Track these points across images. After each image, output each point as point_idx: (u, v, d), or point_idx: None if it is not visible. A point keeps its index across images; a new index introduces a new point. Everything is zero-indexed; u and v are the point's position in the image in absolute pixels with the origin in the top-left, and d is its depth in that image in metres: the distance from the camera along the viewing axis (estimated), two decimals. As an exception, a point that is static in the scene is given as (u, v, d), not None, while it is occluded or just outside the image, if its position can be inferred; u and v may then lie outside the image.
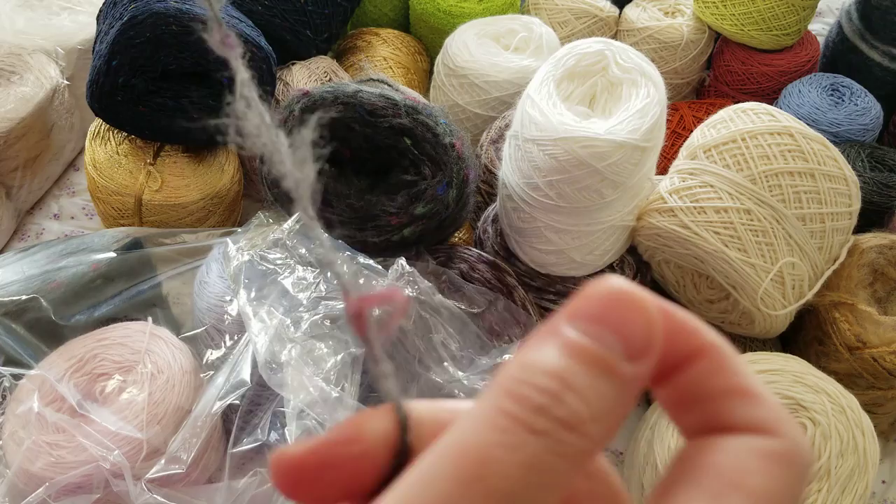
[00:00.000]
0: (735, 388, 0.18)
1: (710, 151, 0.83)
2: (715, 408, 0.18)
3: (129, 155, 0.97)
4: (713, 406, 0.18)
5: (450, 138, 0.79)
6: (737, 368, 0.19)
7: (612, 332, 0.16)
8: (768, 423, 0.18)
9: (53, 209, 1.15)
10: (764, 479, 0.17)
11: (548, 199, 0.78)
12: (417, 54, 1.31)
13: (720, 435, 0.18)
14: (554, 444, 0.15)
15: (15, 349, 0.79)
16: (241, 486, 0.69)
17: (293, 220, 0.77)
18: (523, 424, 0.15)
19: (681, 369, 0.19)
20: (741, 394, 0.18)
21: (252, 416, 0.73)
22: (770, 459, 0.17)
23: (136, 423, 0.70)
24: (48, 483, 0.66)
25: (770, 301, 0.79)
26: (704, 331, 0.19)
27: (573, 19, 1.31)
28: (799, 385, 0.72)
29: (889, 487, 0.89)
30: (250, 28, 0.98)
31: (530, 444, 0.15)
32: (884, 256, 0.88)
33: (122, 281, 0.87)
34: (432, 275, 0.78)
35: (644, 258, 0.91)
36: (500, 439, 0.15)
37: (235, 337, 0.78)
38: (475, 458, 0.15)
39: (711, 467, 0.17)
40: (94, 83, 0.91)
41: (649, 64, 0.80)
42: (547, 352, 0.16)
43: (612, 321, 0.17)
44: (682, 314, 0.19)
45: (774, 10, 1.20)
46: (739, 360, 0.19)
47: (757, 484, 0.17)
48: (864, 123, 1.12)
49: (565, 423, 0.15)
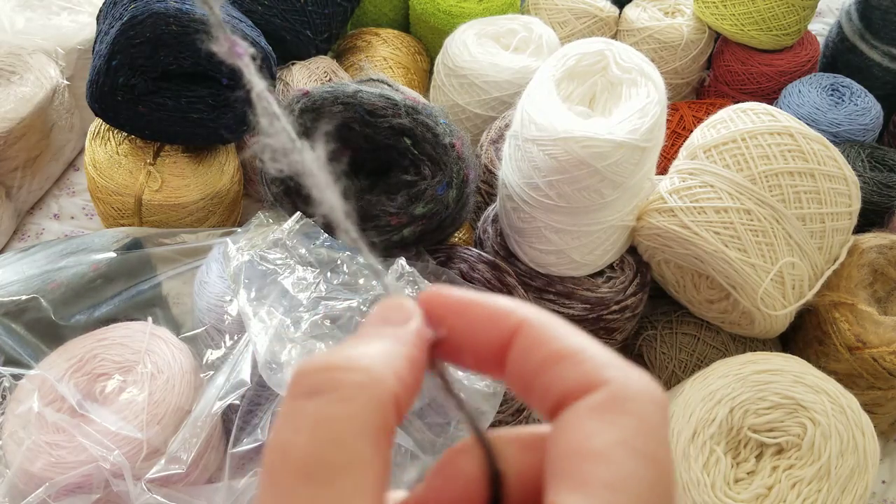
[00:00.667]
0: (553, 355, 0.18)
1: (710, 151, 0.83)
2: (545, 382, 0.18)
3: (129, 155, 0.97)
4: (542, 380, 0.18)
5: (450, 138, 0.79)
6: (551, 334, 0.19)
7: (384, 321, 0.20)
8: (590, 377, 0.17)
9: (53, 209, 1.15)
10: (607, 436, 0.16)
11: (548, 199, 0.78)
12: (417, 54, 1.31)
13: (559, 411, 0.18)
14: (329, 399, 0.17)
15: (15, 349, 0.79)
16: (241, 486, 0.69)
17: (293, 220, 0.77)
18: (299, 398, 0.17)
19: (506, 351, 0.19)
20: (560, 358, 0.18)
21: (252, 416, 0.73)
22: (604, 412, 0.17)
23: (136, 423, 0.70)
24: (48, 483, 0.66)
25: (770, 301, 0.79)
26: (515, 308, 0.19)
27: (573, 19, 1.31)
28: (799, 385, 0.72)
29: (889, 487, 0.89)
30: (250, 28, 0.98)
31: (308, 408, 0.17)
32: (884, 256, 0.88)
33: (122, 281, 0.87)
34: (432, 275, 0.78)
35: (644, 258, 0.91)
36: (285, 422, 0.17)
37: (235, 337, 0.78)
38: (276, 449, 0.16)
39: (563, 451, 0.17)
40: (94, 83, 0.91)
41: (649, 64, 0.80)
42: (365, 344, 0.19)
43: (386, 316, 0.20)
44: (492, 299, 0.20)
45: (774, 10, 1.20)
46: (553, 325, 0.19)
47: (603, 443, 0.16)
48: (864, 123, 1.12)
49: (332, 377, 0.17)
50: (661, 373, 0.91)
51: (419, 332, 0.19)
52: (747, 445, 0.72)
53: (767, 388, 0.72)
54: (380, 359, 0.18)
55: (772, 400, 0.72)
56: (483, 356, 0.20)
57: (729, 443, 0.72)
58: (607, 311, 0.86)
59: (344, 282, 0.72)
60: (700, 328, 0.92)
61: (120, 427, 0.69)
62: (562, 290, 0.86)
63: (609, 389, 0.17)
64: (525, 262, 0.88)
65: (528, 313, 0.19)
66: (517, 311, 0.19)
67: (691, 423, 0.72)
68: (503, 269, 0.85)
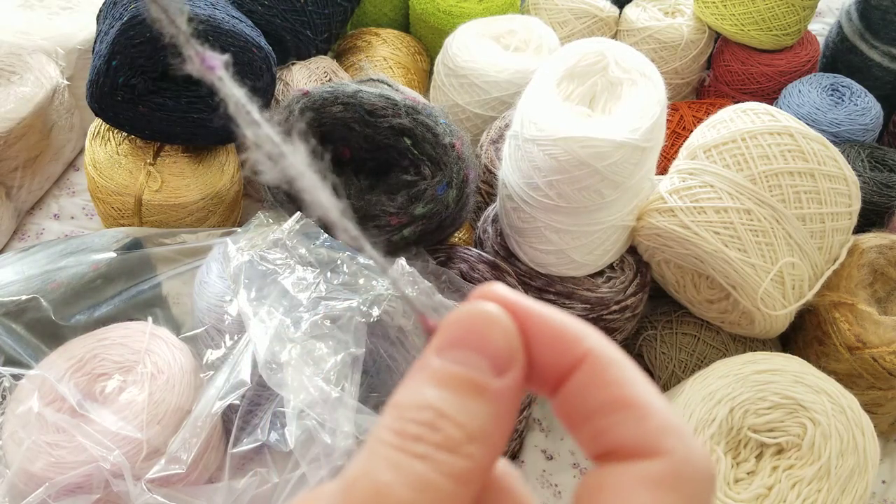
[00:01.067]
0: (616, 401, 0.17)
1: (710, 151, 0.83)
2: (599, 425, 0.17)
3: (129, 155, 0.97)
4: (598, 423, 0.17)
5: (450, 138, 0.79)
6: (617, 376, 0.18)
7: (474, 352, 0.17)
8: (651, 439, 0.17)
9: (53, 209, 1.15)
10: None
11: (548, 199, 0.78)
12: (417, 54, 1.31)
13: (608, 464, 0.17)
14: (437, 465, 0.16)
15: (15, 349, 0.79)
16: (241, 486, 0.69)
17: (293, 220, 0.77)
18: (405, 451, 0.16)
19: (565, 380, 0.18)
20: (622, 406, 0.17)
21: (252, 416, 0.73)
22: (657, 487, 0.16)
23: (136, 423, 0.70)
24: (48, 483, 0.66)
25: (770, 301, 0.79)
26: (586, 335, 0.18)
27: (573, 19, 1.31)
28: (799, 385, 0.72)
29: (889, 487, 0.89)
30: (250, 28, 0.98)
31: (416, 467, 0.16)
32: (884, 256, 0.88)
33: (122, 281, 0.87)
34: (432, 275, 0.78)
35: (644, 258, 0.91)
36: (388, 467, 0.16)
37: (235, 337, 0.78)
38: (369, 489, 0.16)
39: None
40: (94, 83, 0.91)
41: (649, 64, 0.80)
42: (418, 385, 0.17)
43: (471, 342, 0.17)
44: (561, 319, 0.19)
45: (774, 10, 1.20)
46: (622, 365, 0.18)
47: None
48: (864, 123, 1.12)
49: (443, 447, 0.16)
50: (661, 373, 0.91)
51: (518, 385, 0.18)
52: (747, 445, 0.72)
53: (767, 388, 0.72)
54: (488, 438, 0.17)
55: (772, 400, 0.72)
56: (537, 375, 0.19)
57: (729, 443, 0.72)
58: (607, 311, 0.86)
59: (344, 282, 0.72)
60: (700, 328, 0.92)
61: (120, 427, 0.69)
62: (562, 290, 0.86)
63: (669, 462, 0.16)
64: (525, 262, 0.88)
65: (597, 344, 0.18)
66: (586, 340, 0.18)
67: (691, 423, 0.72)
68: (503, 269, 0.85)
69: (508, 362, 0.17)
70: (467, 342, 0.17)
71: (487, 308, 0.18)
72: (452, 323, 0.18)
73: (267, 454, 0.72)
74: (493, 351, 0.17)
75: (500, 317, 0.18)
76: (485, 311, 0.18)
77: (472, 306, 0.18)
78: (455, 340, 0.18)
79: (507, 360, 0.17)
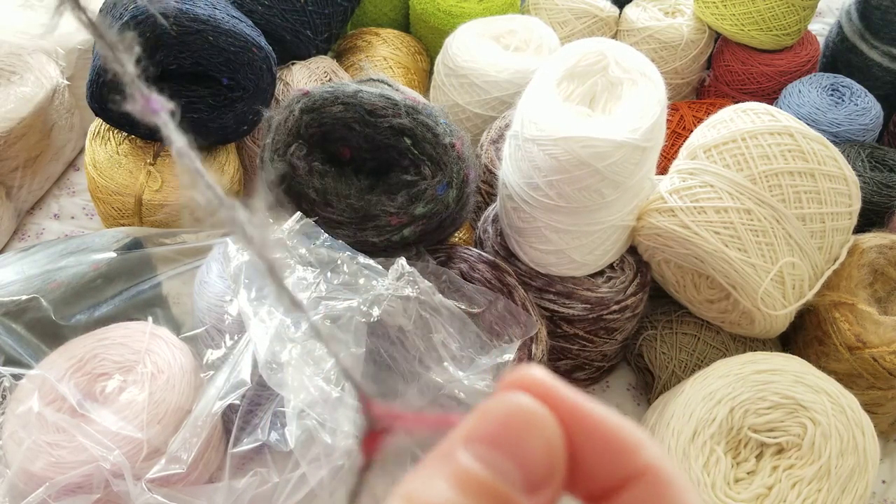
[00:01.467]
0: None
1: (711, 151, 0.83)
2: None
3: (129, 155, 0.97)
4: None
5: (450, 138, 0.79)
6: (679, 498, 0.16)
7: (508, 458, 0.15)
8: None
9: (53, 209, 1.15)
10: None
11: (548, 199, 0.78)
12: (417, 54, 1.31)
13: None
14: None
15: (15, 349, 0.79)
16: (241, 486, 0.69)
17: (293, 220, 0.77)
18: None
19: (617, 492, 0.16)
20: None
21: (252, 416, 0.73)
22: None
23: (137, 423, 0.70)
24: (48, 483, 0.66)
25: (770, 301, 0.79)
26: (644, 446, 0.16)
27: (573, 19, 1.31)
28: (799, 385, 0.72)
29: (889, 487, 0.89)
30: (250, 28, 0.98)
31: None
32: (884, 256, 0.88)
33: (122, 281, 0.87)
34: (432, 275, 0.78)
35: (644, 258, 0.91)
36: None
37: (235, 337, 0.78)
38: None
39: None
40: (94, 83, 0.91)
41: (649, 64, 0.80)
42: (436, 480, 0.15)
43: (507, 444, 0.15)
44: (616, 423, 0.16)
45: (774, 10, 1.20)
46: (682, 487, 0.16)
47: None
48: (864, 123, 1.12)
49: None
50: (661, 373, 0.91)
51: None
52: (747, 445, 0.72)
53: (767, 387, 0.72)
54: None
55: (772, 400, 0.72)
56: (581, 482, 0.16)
57: (729, 443, 0.72)
58: (607, 311, 0.86)
59: (344, 282, 0.72)
60: (700, 328, 0.92)
61: (120, 427, 0.69)
62: (562, 289, 0.86)
63: None
64: (525, 262, 0.88)
65: (657, 458, 0.16)
66: (645, 452, 0.16)
67: (691, 423, 0.72)
68: (503, 269, 0.85)
69: (545, 480, 0.15)
70: (502, 443, 0.15)
71: (530, 407, 0.15)
72: (488, 413, 0.15)
73: (267, 454, 0.72)
74: (529, 462, 0.15)
75: (543, 421, 0.15)
76: (527, 410, 0.15)
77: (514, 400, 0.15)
78: (488, 436, 0.15)
79: (544, 476, 0.15)
